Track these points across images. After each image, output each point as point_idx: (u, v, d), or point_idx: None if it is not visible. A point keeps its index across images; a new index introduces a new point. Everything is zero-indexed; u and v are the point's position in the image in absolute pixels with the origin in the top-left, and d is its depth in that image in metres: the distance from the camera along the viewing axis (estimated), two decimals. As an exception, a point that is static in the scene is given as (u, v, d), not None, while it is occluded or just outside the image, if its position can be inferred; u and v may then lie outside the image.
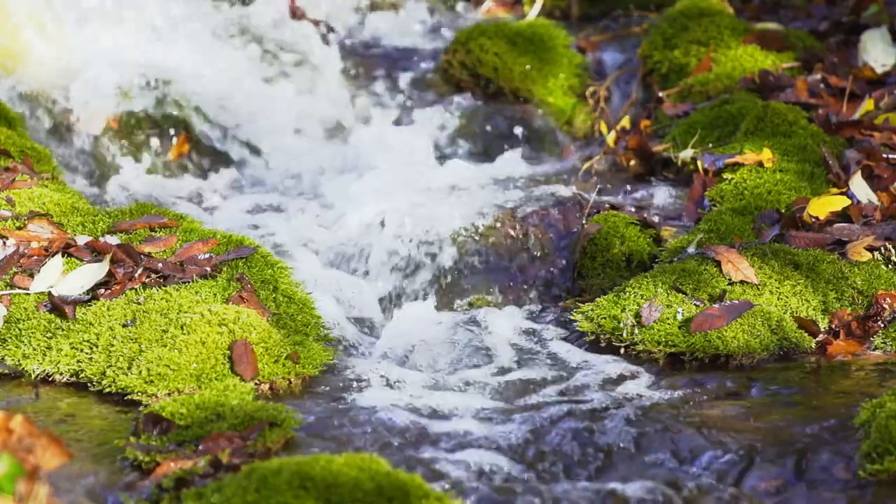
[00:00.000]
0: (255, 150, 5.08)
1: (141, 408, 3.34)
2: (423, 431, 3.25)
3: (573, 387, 3.51)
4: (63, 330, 3.58)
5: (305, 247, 4.31)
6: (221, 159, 5.07)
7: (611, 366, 3.61)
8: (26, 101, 5.00)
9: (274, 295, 3.74)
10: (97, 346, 3.53)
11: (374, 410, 3.35)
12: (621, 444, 3.17)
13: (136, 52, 5.18)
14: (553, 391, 3.49)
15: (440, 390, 3.52)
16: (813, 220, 4.04)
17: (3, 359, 3.58)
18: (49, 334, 3.58)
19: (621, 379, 3.53)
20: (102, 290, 3.67)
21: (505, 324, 3.94)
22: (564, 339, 3.83)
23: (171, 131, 5.07)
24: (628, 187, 4.62)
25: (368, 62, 5.48)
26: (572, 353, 3.73)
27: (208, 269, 3.76)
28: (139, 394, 3.42)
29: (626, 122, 5.03)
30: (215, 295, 3.67)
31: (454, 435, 3.23)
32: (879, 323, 3.73)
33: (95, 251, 3.79)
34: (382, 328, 3.99)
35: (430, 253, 4.27)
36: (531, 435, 3.22)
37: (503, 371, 3.66)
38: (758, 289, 3.76)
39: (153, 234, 3.92)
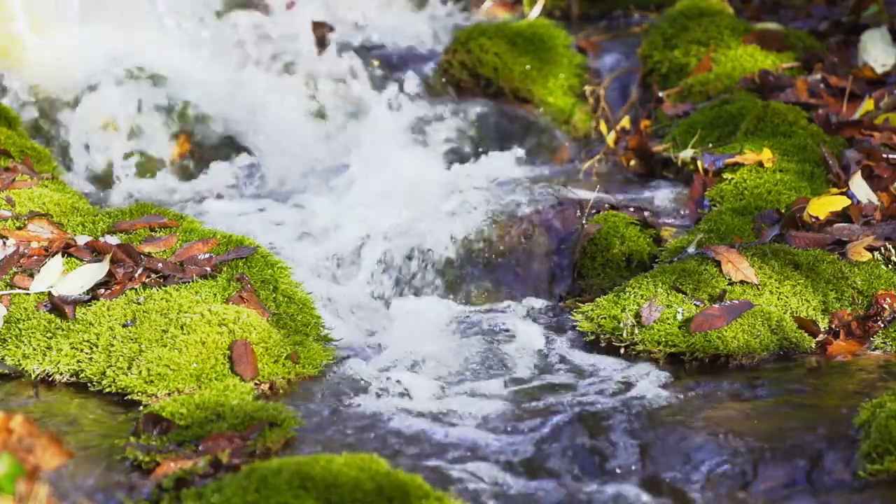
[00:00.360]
0: (253, 154, 5.08)
1: (141, 408, 3.34)
2: (423, 434, 3.25)
3: (574, 388, 3.51)
4: (63, 330, 3.58)
5: (293, 260, 4.30)
6: (220, 162, 5.07)
7: (611, 367, 3.61)
8: (25, 101, 5.00)
9: (274, 295, 3.74)
10: (97, 346, 3.53)
11: (374, 410, 3.35)
12: (624, 450, 3.17)
13: (138, 52, 5.17)
14: (553, 393, 3.49)
15: (439, 393, 3.51)
16: (813, 220, 4.04)
17: (3, 359, 3.58)
18: (49, 334, 3.58)
19: (622, 380, 3.52)
20: (102, 290, 3.67)
21: (505, 324, 3.94)
22: (564, 339, 3.83)
23: (172, 131, 5.07)
24: (628, 187, 4.62)
25: (366, 61, 5.48)
26: (572, 354, 3.73)
27: (208, 269, 3.76)
28: (139, 394, 3.42)
29: (626, 122, 5.03)
30: (215, 295, 3.67)
31: (455, 438, 3.23)
32: (879, 323, 3.73)
33: (95, 251, 3.79)
34: (381, 328, 3.98)
35: (431, 248, 4.27)
36: (533, 440, 3.22)
37: (503, 372, 3.66)
38: (758, 289, 3.75)
39: (153, 234, 3.92)
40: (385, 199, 4.46)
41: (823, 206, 4.06)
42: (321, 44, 5.54)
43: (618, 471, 3.11)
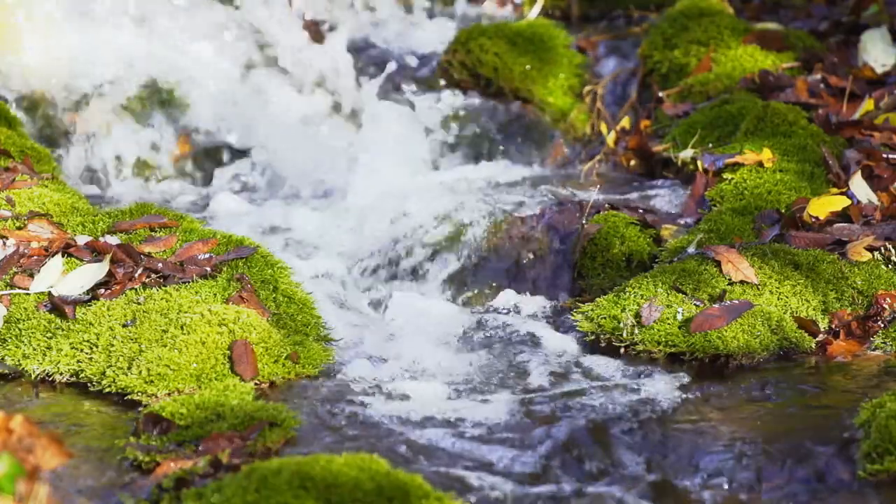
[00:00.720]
0: (254, 157, 5.08)
1: (141, 408, 3.34)
2: (423, 434, 3.24)
3: (574, 388, 3.51)
4: (63, 330, 3.58)
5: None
6: (220, 165, 5.07)
7: (611, 367, 3.61)
8: (25, 101, 5.00)
9: (274, 295, 3.74)
10: (97, 346, 3.53)
11: (374, 410, 3.35)
12: (626, 452, 3.17)
13: (139, 53, 5.17)
14: (554, 394, 3.49)
15: (439, 394, 3.50)
16: (813, 220, 4.04)
17: (3, 359, 3.58)
18: (49, 334, 3.58)
19: (621, 381, 3.52)
20: (102, 290, 3.67)
21: (504, 324, 3.94)
22: (564, 339, 3.83)
23: (172, 132, 5.07)
24: (628, 187, 4.62)
25: (367, 62, 5.48)
26: (572, 354, 3.73)
27: (208, 269, 3.76)
28: (139, 394, 3.42)
29: (625, 122, 5.03)
30: (215, 295, 3.67)
31: (455, 439, 3.23)
32: (879, 323, 3.73)
33: (95, 251, 3.79)
34: (379, 328, 3.98)
35: (430, 247, 4.27)
36: (535, 443, 3.21)
37: (503, 373, 3.65)
38: (758, 289, 3.75)
39: (153, 234, 3.92)
40: (383, 201, 4.46)
41: (823, 206, 4.06)
42: (317, 41, 5.53)
43: (621, 473, 3.11)
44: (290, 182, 4.97)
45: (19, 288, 3.70)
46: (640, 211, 4.31)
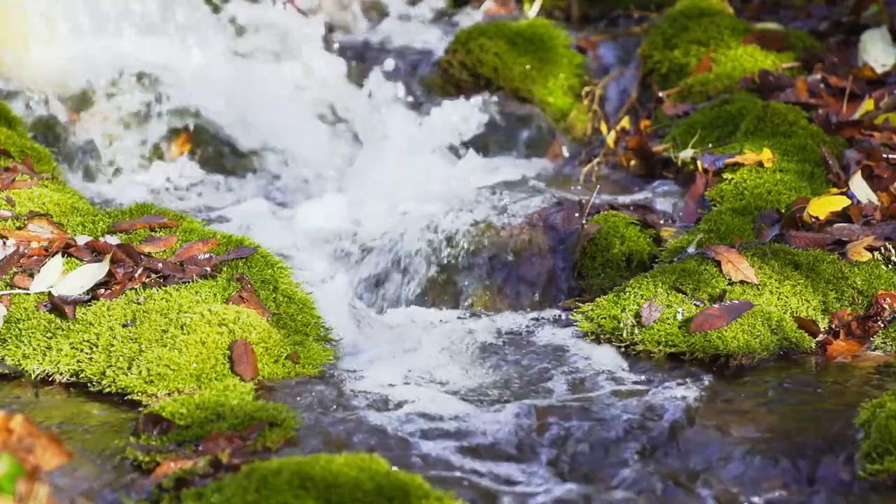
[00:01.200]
0: (253, 158, 5.08)
1: (141, 408, 3.34)
2: (422, 435, 3.24)
3: (574, 388, 3.51)
4: (63, 330, 3.58)
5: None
6: (219, 163, 5.07)
7: (611, 367, 3.61)
8: (27, 101, 5.00)
9: (274, 295, 3.74)
10: (97, 346, 3.53)
11: (373, 410, 3.35)
12: (625, 454, 3.17)
13: (140, 54, 5.17)
14: (554, 396, 3.49)
15: (438, 396, 3.50)
16: (813, 220, 4.04)
17: (3, 359, 3.58)
18: (49, 334, 3.58)
19: (622, 382, 3.52)
20: (102, 290, 3.67)
21: (505, 325, 3.94)
22: (564, 339, 3.83)
23: (172, 132, 5.07)
24: (628, 187, 4.62)
25: (367, 62, 5.48)
26: (571, 354, 3.73)
27: (208, 269, 3.76)
28: (139, 394, 3.42)
29: (625, 122, 5.03)
30: (215, 295, 3.67)
31: (455, 440, 3.23)
32: (879, 323, 3.73)
33: (95, 251, 3.79)
34: (379, 333, 3.98)
35: (431, 247, 4.27)
36: (536, 448, 3.21)
37: (503, 373, 3.65)
38: (758, 289, 3.76)
39: (153, 234, 3.92)
40: (382, 202, 4.46)
41: (823, 206, 4.06)
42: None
43: (623, 475, 3.11)
44: (290, 185, 4.97)
45: (19, 288, 3.70)
46: (641, 211, 4.31)
